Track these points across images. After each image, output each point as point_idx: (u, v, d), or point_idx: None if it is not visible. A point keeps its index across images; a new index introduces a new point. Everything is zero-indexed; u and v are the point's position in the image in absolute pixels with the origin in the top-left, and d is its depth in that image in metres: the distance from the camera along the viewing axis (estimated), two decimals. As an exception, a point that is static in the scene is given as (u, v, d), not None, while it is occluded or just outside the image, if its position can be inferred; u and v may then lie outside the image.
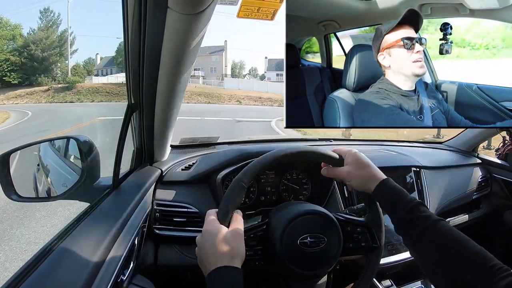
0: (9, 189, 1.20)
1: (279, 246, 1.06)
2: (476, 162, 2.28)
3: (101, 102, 33.39)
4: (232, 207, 1.01)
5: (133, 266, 1.17)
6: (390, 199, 1.01)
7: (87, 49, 75.54)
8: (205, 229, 0.97)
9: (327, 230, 1.11)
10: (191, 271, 1.48)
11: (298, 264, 1.07)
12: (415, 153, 2.00)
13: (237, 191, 1.03)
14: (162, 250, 1.49)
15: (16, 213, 4.67)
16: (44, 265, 0.75)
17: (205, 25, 0.96)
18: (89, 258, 0.81)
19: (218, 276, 0.85)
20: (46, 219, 4.51)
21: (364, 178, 1.08)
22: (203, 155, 1.81)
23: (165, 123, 1.37)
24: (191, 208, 1.47)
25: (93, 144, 1.27)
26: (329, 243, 1.09)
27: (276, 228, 1.09)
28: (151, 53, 1.04)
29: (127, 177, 1.38)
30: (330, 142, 2.22)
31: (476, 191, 2.15)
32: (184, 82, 1.19)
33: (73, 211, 4.48)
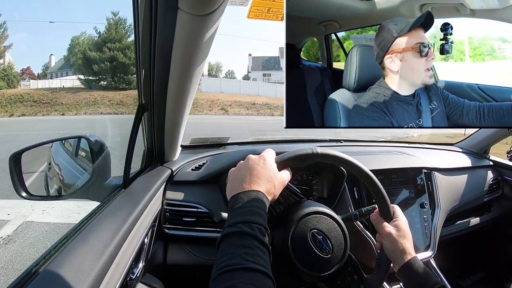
0: (20, 187, 1.21)
1: (290, 229, 1.07)
2: (487, 164, 2.26)
3: (22, 117, 26.38)
4: (291, 163, 1.06)
5: (142, 265, 1.18)
6: (417, 279, 1.03)
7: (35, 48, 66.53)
8: (261, 155, 1.00)
9: (338, 241, 1.10)
10: (200, 271, 1.49)
11: (302, 257, 1.06)
12: (426, 155, 1.99)
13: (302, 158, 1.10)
14: (171, 250, 1.50)
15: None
16: (53, 263, 0.76)
17: (216, 26, 0.96)
18: (99, 257, 0.82)
19: (249, 195, 0.88)
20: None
21: (399, 246, 1.10)
22: (213, 155, 1.81)
23: (175, 123, 1.38)
24: (201, 208, 1.47)
25: (104, 143, 1.28)
26: (334, 251, 1.08)
27: (297, 210, 1.11)
28: (161, 53, 1.04)
29: (137, 176, 1.38)
30: (340, 143, 2.21)
31: (487, 193, 2.13)
32: (195, 81, 1.19)
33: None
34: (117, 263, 0.88)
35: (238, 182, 0.92)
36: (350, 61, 1.01)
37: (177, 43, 1.00)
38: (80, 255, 0.80)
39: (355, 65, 1.00)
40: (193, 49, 1.02)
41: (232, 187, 0.93)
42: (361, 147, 2.21)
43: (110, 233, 0.92)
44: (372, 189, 1.17)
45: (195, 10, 0.87)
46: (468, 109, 0.97)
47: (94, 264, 0.79)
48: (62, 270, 0.74)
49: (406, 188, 1.73)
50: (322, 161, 1.14)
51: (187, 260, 1.48)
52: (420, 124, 0.97)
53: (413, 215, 1.69)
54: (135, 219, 1.07)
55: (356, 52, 1.01)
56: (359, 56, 1.00)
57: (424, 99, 0.99)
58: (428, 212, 1.72)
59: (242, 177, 0.93)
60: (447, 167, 1.96)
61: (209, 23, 0.92)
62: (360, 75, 1.00)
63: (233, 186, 0.93)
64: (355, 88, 1.00)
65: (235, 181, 0.93)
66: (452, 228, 1.95)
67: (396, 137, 2.81)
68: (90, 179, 1.27)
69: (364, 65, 1.00)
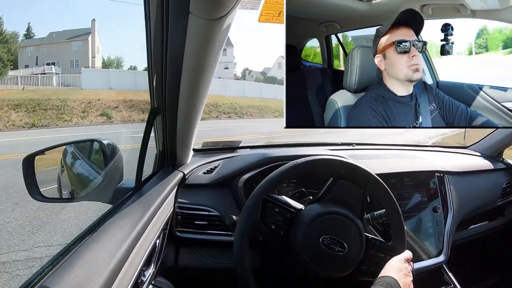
0: (34, 190, 1.23)
1: (302, 233, 1.11)
2: (501, 167, 2.22)
3: None
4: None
5: (153, 267, 1.19)
6: None
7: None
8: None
9: (352, 240, 1.13)
10: (211, 274, 1.49)
11: (313, 256, 1.11)
12: (439, 158, 1.97)
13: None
14: (182, 253, 1.50)
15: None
16: (66, 263, 0.77)
17: (227, 30, 0.97)
18: (111, 258, 0.82)
19: None
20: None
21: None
22: (225, 159, 1.82)
23: (187, 126, 1.38)
24: (213, 211, 1.48)
25: (117, 146, 1.29)
26: (349, 250, 1.11)
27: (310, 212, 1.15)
28: (173, 57, 1.05)
29: (149, 179, 1.39)
30: (352, 146, 2.19)
31: (500, 197, 2.09)
32: (207, 85, 1.20)
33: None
34: (128, 265, 0.89)
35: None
36: (350, 62, 1.01)
37: (188, 47, 1.00)
38: (92, 257, 0.81)
39: (356, 66, 1.01)
40: (204, 53, 1.03)
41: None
42: (373, 150, 2.20)
43: (122, 235, 0.93)
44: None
45: (207, 14, 0.87)
46: (461, 111, 0.99)
47: (106, 266, 0.79)
48: (74, 271, 0.74)
49: (419, 192, 1.72)
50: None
51: (198, 263, 1.48)
52: (420, 125, 0.97)
53: (425, 219, 1.67)
54: (147, 222, 1.07)
55: (357, 53, 1.01)
56: (360, 57, 1.01)
57: (422, 100, 0.99)
58: (441, 217, 1.70)
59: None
60: (460, 170, 1.93)
61: (220, 27, 0.93)
62: (360, 76, 1.01)
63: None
64: (355, 89, 1.01)
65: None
66: (465, 233, 1.93)
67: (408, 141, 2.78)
68: (103, 182, 1.28)
69: (364, 66, 1.01)
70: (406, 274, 1.08)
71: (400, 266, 1.10)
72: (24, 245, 3.92)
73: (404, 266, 1.11)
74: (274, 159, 1.55)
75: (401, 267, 1.09)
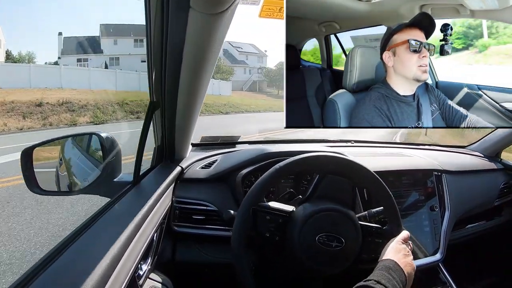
0: (32, 183, 1.22)
1: (298, 231, 1.13)
2: (499, 167, 2.22)
3: None
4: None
5: (151, 261, 1.19)
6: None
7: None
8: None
9: (348, 232, 1.14)
10: (208, 268, 1.50)
11: (312, 255, 1.11)
12: (437, 157, 1.97)
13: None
14: (180, 247, 1.51)
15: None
16: (63, 257, 0.77)
17: (227, 24, 0.97)
18: (108, 252, 0.82)
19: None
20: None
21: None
22: (223, 154, 1.81)
23: (186, 121, 1.38)
24: (210, 206, 1.48)
25: (115, 140, 1.29)
26: (347, 244, 1.13)
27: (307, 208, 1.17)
28: (173, 52, 1.05)
29: (147, 173, 1.39)
30: (351, 143, 2.19)
31: (498, 197, 2.09)
32: (206, 79, 1.20)
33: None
34: (125, 258, 0.89)
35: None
36: (350, 62, 1.02)
37: (188, 42, 1.00)
38: (90, 250, 0.81)
39: (355, 66, 1.01)
40: (204, 47, 1.02)
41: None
42: (371, 148, 2.20)
43: (119, 229, 0.93)
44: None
45: (207, 9, 0.87)
46: (461, 112, 1.00)
47: (103, 259, 0.79)
48: (71, 264, 0.75)
49: (416, 191, 1.72)
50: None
51: (195, 258, 1.49)
52: (421, 125, 0.98)
53: (422, 218, 1.68)
54: (144, 216, 1.07)
55: (357, 53, 1.01)
56: (359, 57, 1.01)
57: (424, 101, 1.00)
58: (438, 215, 1.71)
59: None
60: (458, 170, 1.93)
61: (220, 21, 0.93)
62: (360, 76, 1.01)
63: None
64: (355, 88, 1.01)
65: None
66: (462, 232, 1.94)
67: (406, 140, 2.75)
68: (101, 175, 1.28)
69: (364, 66, 1.01)
70: (406, 254, 1.09)
71: (398, 247, 1.11)
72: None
73: (402, 246, 1.12)
74: (273, 154, 1.55)
75: (399, 248, 1.10)
